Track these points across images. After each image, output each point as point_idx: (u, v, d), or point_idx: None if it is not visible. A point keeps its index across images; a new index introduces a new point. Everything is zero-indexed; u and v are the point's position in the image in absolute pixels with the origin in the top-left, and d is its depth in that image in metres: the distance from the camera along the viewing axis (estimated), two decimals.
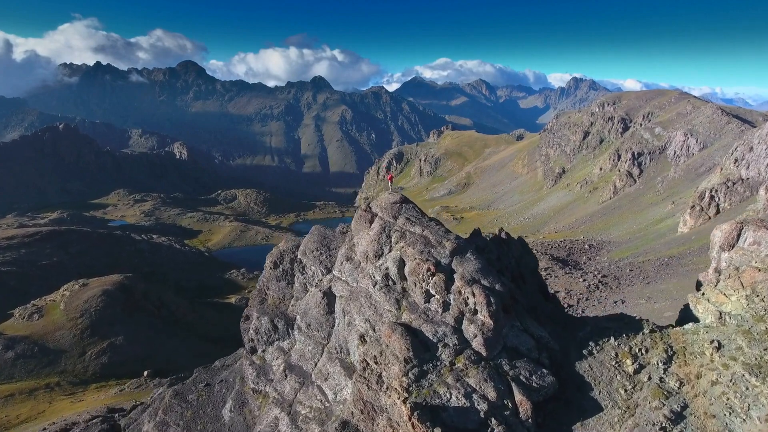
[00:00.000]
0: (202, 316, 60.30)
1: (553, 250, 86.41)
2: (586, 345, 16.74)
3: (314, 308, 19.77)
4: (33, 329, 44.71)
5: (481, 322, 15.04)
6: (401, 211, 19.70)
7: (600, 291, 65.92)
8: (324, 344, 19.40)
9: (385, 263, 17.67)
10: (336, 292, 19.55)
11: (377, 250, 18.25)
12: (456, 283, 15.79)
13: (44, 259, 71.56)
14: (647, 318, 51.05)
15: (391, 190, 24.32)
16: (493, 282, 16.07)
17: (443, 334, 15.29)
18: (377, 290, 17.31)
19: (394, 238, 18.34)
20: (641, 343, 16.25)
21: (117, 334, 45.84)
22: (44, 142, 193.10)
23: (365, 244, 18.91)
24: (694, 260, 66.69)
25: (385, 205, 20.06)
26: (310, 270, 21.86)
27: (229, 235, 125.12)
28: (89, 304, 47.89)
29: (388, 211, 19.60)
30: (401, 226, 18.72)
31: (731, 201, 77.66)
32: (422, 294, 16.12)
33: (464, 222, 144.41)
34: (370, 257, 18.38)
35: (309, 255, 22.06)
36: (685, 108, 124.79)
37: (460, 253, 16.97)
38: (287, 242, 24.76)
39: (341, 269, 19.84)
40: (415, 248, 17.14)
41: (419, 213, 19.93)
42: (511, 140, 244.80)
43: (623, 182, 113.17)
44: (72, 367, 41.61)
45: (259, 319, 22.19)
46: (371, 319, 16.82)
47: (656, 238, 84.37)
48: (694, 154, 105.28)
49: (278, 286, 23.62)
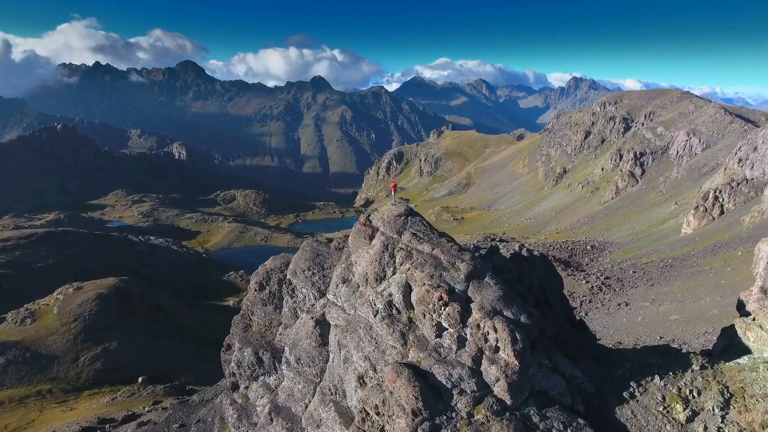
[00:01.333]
0: (199, 319, 59.35)
1: (555, 251, 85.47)
2: (627, 385, 14.50)
3: (305, 339, 17.17)
4: (25, 334, 43.75)
5: (505, 363, 12.75)
6: (407, 225, 17.18)
7: (603, 293, 65.02)
8: (316, 382, 16.87)
9: (388, 288, 15.16)
10: (330, 320, 16.99)
11: (379, 273, 15.73)
12: (473, 314, 13.40)
13: (39, 261, 70.60)
14: (650, 319, 49.96)
15: (395, 200, 21.07)
16: (517, 313, 13.69)
17: (459, 377, 12.92)
18: (379, 321, 14.91)
19: (399, 257, 15.81)
20: (692, 383, 14.08)
21: (111, 339, 44.87)
22: (42, 142, 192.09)
23: (365, 265, 16.34)
24: (699, 262, 65.78)
25: (387, 218, 17.58)
26: (301, 293, 19.05)
27: (228, 236, 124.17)
28: (83, 308, 46.92)
29: (391, 226, 17.07)
30: (407, 244, 16.15)
31: (735, 201, 76.72)
32: (433, 327, 13.79)
33: (465, 222, 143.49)
34: (371, 280, 15.83)
35: (300, 275, 19.17)
36: (687, 107, 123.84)
37: (477, 277, 14.49)
38: (275, 260, 21.50)
39: (336, 293, 17.24)
40: (423, 271, 14.61)
41: (427, 227, 17.44)
42: (511, 140, 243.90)
43: (625, 182, 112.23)
44: (65, 374, 40.64)
45: (241, 351, 19.37)
46: (372, 357, 14.60)
47: (659, 239, 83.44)
48: (696, 154, 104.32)
49: (264, 311, 20.61)
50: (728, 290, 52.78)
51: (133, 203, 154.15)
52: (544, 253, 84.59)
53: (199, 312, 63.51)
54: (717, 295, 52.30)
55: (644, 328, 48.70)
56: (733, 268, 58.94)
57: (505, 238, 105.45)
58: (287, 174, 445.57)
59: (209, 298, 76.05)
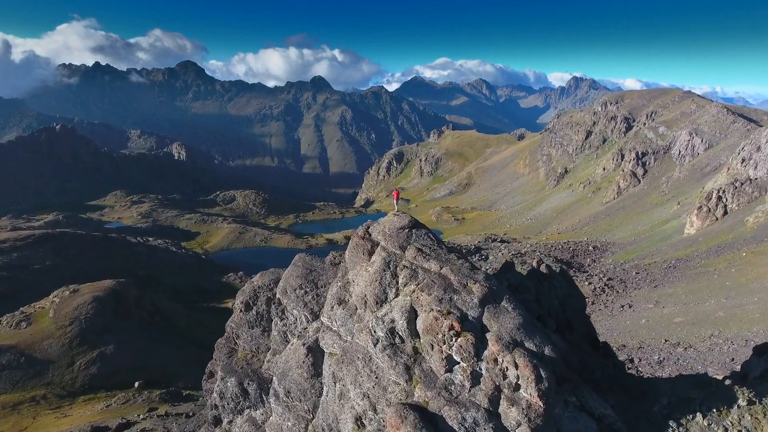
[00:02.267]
0: (197, 322, 58.68)
1: (557, 251, 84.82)
2: (665, 425, 12.74)
3: (296, 368, 15.14)
4: (20, 338, 43.08)
5: (527, 404, 10.99)
6: (411, 239, 15.32)
7: (606, 295, 64.38)
8: (308, 419, 14.85)
9: (389, 313, 13.33)
10: (324, 347, 14.99)
11: (379, 295, 13.88)
12: (490, 346, 11.66)
13: (37, 263, 69.94)
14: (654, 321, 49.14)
15: (397, 210, 19.00)
16: (540, 344, 11.90)
17: (473, 421, 11.06)
18: (379, 351, 13.00)
19: (403, 277, 13.87)
20: (739, 422, 12.41)
21: (108, 343, 44.18)
22: (41, 142, 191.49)
23: (363, 285, 14.47)
24: (702, 263, 65.09)
25: (389, 231, 15.70)
26: (292, 314, 17.02)
27: (228, 236, 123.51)
28: (79, 311, 46.24)
29: (393, 240, 15.25)
30: (411, 261, 14.25)
31: (739, 202, 76.06)
32: (442, 360, 11.93)
33: (465, 223, 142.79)
34: (370, 303, 13.95)
35: (290, 294, 17.16)
36: (690, 107, 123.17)
37: (492, 301, 12.71)
38: (263, 276, 19.45)
39: (332, 316, 15.21)
40: (431, 294, 12.75)
41: (434, 242, 15.54)
42: (512, 140, 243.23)
43: (627, 182, 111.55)
44: (60, 379, 39.95)
45: (224, 381, 17.16)
46: (371, 394, 12.77)
47: (662, 239, 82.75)
48: (699, 154, 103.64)
49: (251, 335, 18.40)
50: (733, 292, 52.09)
51: (132, 204, 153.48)
52: (545, 253, 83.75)
53: (198, 314, 62.83)
54: (722, 297, 51.60)
55: (648, 330, 48.00)
56: (737, 270, 58.24)
57: (506, 239, 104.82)
58: (287, 174, 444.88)
59: (208, 300, 75.38)
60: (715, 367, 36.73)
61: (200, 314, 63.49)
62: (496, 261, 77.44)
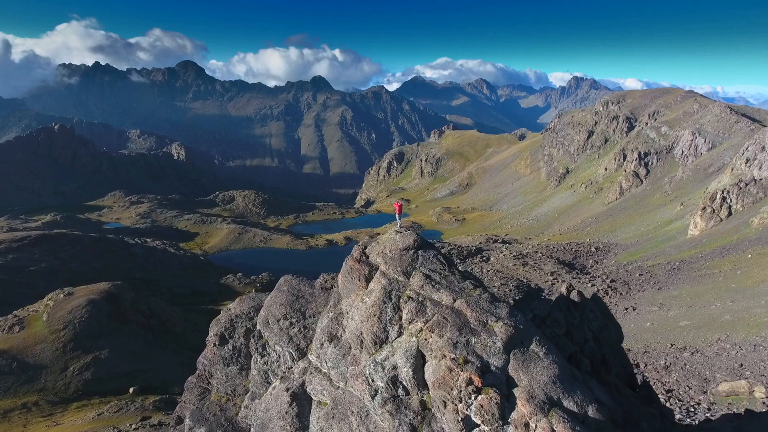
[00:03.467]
0: (195, 326, 57.73)
1: (559, 253, 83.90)
2: None
3: (277, 420, 12.46)
4: (12, 342, 42.19)
5: None
6: (417, 262, 12.79)
7: (609, 297, 63.43)
8: None
9: (391, 357, 10.82)
10: (312, 394, 12.42)
11: (378, 333, 11.40)
12: (519, 406, 9.24)
13: (32, 264, 69.04)
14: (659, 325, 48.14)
15: (400, 226, 16.20)
16: (582, 402, 9.49)
17: None
18: (378, 406, 10.54)
19: (407, 312, 11.32)
20: None
21: (102, 348, 43.28)
22: (39, 143, 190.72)
23: (359, 319, 11.94)
24: (707, 264, 64.15)
25: (390, 252, 13.26)
26: (274, 351, 14.36)
27: (227, 237, 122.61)
28: (73, 314, 45.34)
29: (395, 264, 12.76)
30: (418, 291, 11.70)
31: (744, 203, 75.12)
32: (458, 422, 9.43)
33: (466, 223, 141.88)
34: (367, 343, 11.44)
35: (273, 326, 14.50)
36: (692, 107, 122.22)
37: (520, 344, 10.22)
38: (242, 303, 16.66)
39: (321, 355, 12.69)
40: (443, 335, 10.31)
41: (446, 266, 12.91)
42: (513, 140, 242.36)
43: (629, 183, 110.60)
44: (52, 384, 39.05)
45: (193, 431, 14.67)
46: None
47: (665, 240, 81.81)
48: (702, 154, 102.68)
49: (226, 374, 15.60)
50: (739, 295, 51.17)
51: (130, 204, 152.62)
52: (548, 254, 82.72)
53: (195, 317, 61.93)
54: (728, 300, 50.68)
55: (654, 334, 47.08)
56: (743, 272, 57.32)
57: (507, 240, 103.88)
58: (287, 174, 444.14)
59: (206, 302, 74.43)
60: (723, 373, 35.80)
61: (197, 317, 62.55)
62: (497, 262, 76.54)
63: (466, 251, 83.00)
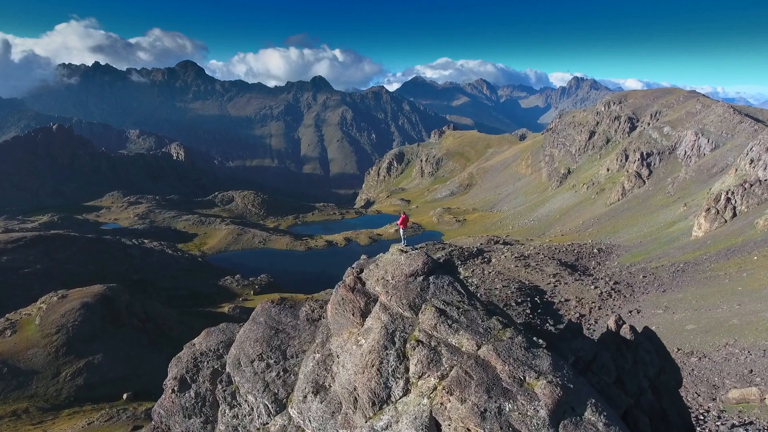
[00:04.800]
0: (191, 329, 56.72)
1: (561, 254, 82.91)
2: None
3: None
4: (4, 347, 41.23)
5: None
6: (427, 292, 10.15)
7: (613, 299, 62.45)
8: None
9: (394, 425, 8.10)
10: None
11: (377, 389, 8.65)
12: None
13: (27, 266, 68.04)
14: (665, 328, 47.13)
15: (404, 243, 13.50)
16: None
17: None
18: None
19: (416, 362, 8.63)
20: None
21: (95, 352, 42.32)
22: (37, 143, 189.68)
23: (352, 369, 9.33)
24: (712, 266, 63.16)
25: (393, 278, 10.67)
26: (246, 401, 11.50)
27: (225, 238, 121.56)
28: (66, 318, 44.37)
29: (400, 294, 10.04)
30: (430, 332, 9.07)
31: (749, 204, 74.16)
32: None
33: (467, 224, 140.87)
34: (362, 403, 8.72)
35: (246, 369, 11.62)
36: (695, 107, 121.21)
37: (571, 412, 7.46)
38: (209, 337, 13.55)
39: (304, 410, 9.93)
40: (465, 399, 7.57)
41: (464, 296, 10.19)
42: (513, 140, 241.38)
43: (632, 183, 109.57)
44: (44, 390, 38.09)
45: None
46: None
47: (669, 242, 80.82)
48: (705, 155, 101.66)
49: (187, 427, 12.56)
50: (746, 298, 50.18)
51: (129, 205, 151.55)
52: (550, 256, 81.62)
53: (192, 320, 60.93)
54: (735, 303, 49.70)
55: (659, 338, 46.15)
56: (749, 274, 56.35)
57: (508, 241, 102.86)
58: (287, 175, 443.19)
59: (204, 304, 73.46)
60: (732, 379, 34.82)
61: (194, 320, 61.56)
62: (499, 264, 75.54)
63: (467, 252, 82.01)
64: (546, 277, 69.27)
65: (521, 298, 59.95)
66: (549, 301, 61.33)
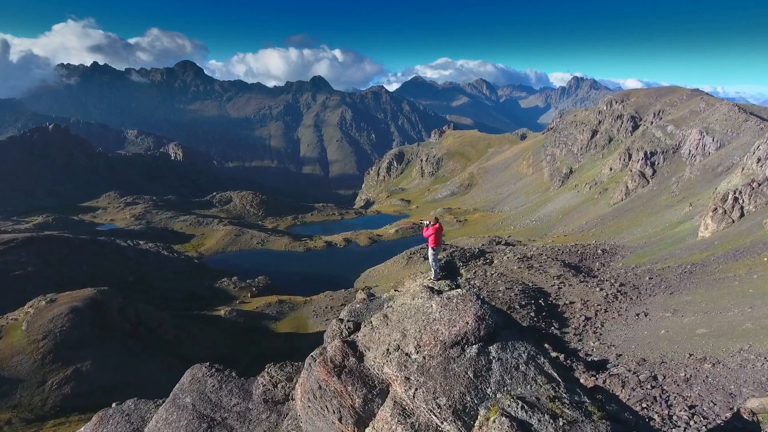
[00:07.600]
0: (186, 333, 55.12)
1: (564, 255, 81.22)
2: None
3: None
4: None
5: None
6: (488, 378, 5.96)
7: (619, 302, 60.73)
8: None
9: None
10: None
11: None
12: None
13: (18, 268, 66.30)
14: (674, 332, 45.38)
15: (435, 277, 9.40)
16: None
17: None
18: None
19: None
20: None
21: (84, 359, 40.64)
22: (33, 143, 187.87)
23: None
24: (721, 268, 61.47)
25: (420, 349, 6.25)
26: None
27: (223, 239, 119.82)
28: (54, 323, 42.69)
29: (432, 385, 5.84)
30: None
31: (756, 203, 72.50)
32: None
33: (468, 224, 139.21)
34: None
35: None
36: (698, 105, 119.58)
37: None
38: (103, 426, 9.12)
39: None
40: None
41: (558, 383, 6.10)
42: (514, 139, 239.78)
43: (635, 183, 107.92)
44: (29, 400, 36.44)
45: None
46: None
47: (675, 242, 79.16)
48: (710, 154, 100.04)
49: None
50: (758, 300, 48.48)
51: (125, 205, 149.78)
52: (553, 257, 79.85)
53: (188, 323, 59.27)
54: (746, 306, 47.98)
55: (669, 342, 44.35)
56: (759, 276, 54.69)
57: (510, 241, 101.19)
58: (287, 175, 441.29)
59: (200, 307, 71.73)
60: (750, 387, 33.10)
61: (190, 323, 59.92)
62: (501, 265, 73.87)
63: (468, 253, 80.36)
64: (550, 278, 67.63)
65: (525, 300, 58.25)
66: (554, 304, 59.65)
